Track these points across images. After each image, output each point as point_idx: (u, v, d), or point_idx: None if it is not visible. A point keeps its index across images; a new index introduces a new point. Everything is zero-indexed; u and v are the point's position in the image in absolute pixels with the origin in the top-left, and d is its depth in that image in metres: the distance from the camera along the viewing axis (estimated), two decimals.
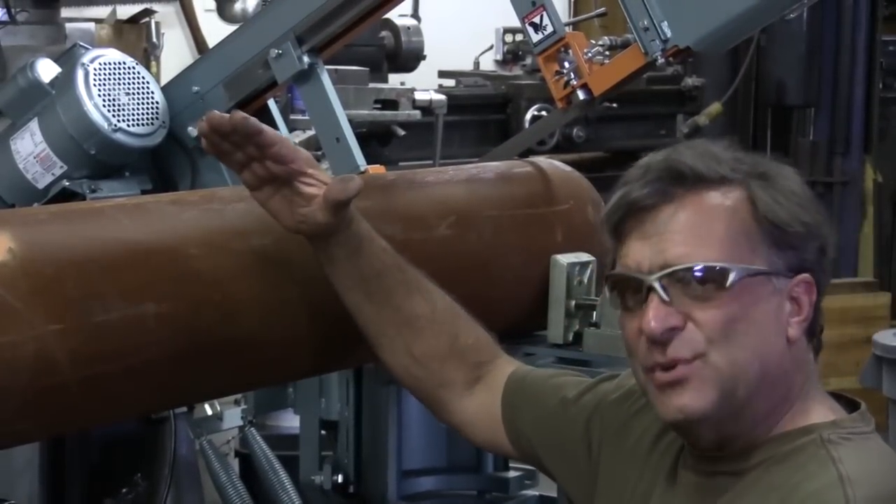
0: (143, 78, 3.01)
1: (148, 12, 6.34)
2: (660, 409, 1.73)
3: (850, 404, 1.80)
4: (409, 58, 6.38)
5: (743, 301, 1.69)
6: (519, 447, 2.08)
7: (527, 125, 6.32)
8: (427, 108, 5.95)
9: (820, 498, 1.64)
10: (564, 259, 2.74)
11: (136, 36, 6.21)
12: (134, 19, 6.30)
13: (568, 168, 2.99)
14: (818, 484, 1.66)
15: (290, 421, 4.07)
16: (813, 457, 1.69)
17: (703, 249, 1.70)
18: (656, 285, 1.70)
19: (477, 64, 7.53)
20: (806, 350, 1.75)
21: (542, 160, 3.03)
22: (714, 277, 1.68)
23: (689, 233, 1.71)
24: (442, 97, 6.07)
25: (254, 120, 2.03)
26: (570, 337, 2.78)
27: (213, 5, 6.88)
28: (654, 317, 1.70)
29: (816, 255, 1.73)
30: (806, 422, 1.73)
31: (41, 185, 3.00)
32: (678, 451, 1.82)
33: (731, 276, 1.68)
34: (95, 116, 2.92)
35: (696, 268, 1.69)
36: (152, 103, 3.00)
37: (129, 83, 2.99)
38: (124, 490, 3.51)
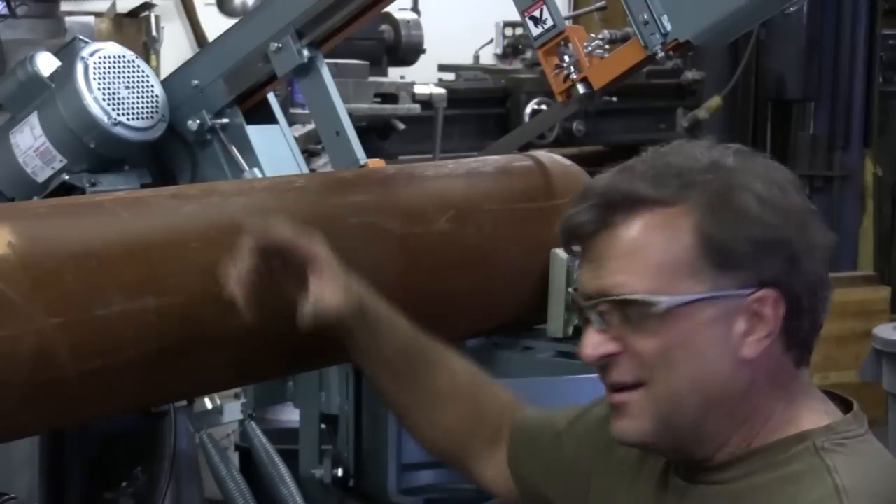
0: (143, 71, 3.01)
1: (148, 6, 6.33)
2: (611, 428, 1.76)
3: (842, 402, 1.78)
4: (408, 51, 6.38)
5: (679, 329, 1.66)
6: (531, 495, 2.07)
7: (526, 119, 6.31)
8: (427, 102, 5.95)
9: None
10: (564, 253, 2.74)
11: (135, 29, 6.20)
12: (134, 13, 6.29)
13: (568, 162, 2.99)
14: (814, 496, 1.64)
15: (290, 415, 4.07)
16: (808, 466, 1.68)
17: (637, 278, 1.67)
18: (591, 314, 1.70)
19: (477, 58, 7.52)
20: (781, 361, 1.70)
21: (542, 154, 3.03)
22: (645, 307, 1.66)
23: (624, 260, 1.68)
24: (442, 91, 6.07)
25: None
26: (570, 331, 2.78)
27: None
28: (589, 344, 1.71)
29: (782, 267, 1.66)
30: (798, 428, 1.71)
31: (41, 178, 2.99)
32: (668, 464, 1.81)
33: (662, 307, 1.65)
34: (95, 110, 2.92)
35: (627, 298, 1.67)
36: (152, 97, 3.00)
37: (128, 77, 2.98)
38: (124, 483, 3.51)
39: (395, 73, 6.41)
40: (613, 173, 1.72)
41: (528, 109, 6.40)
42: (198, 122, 3.00)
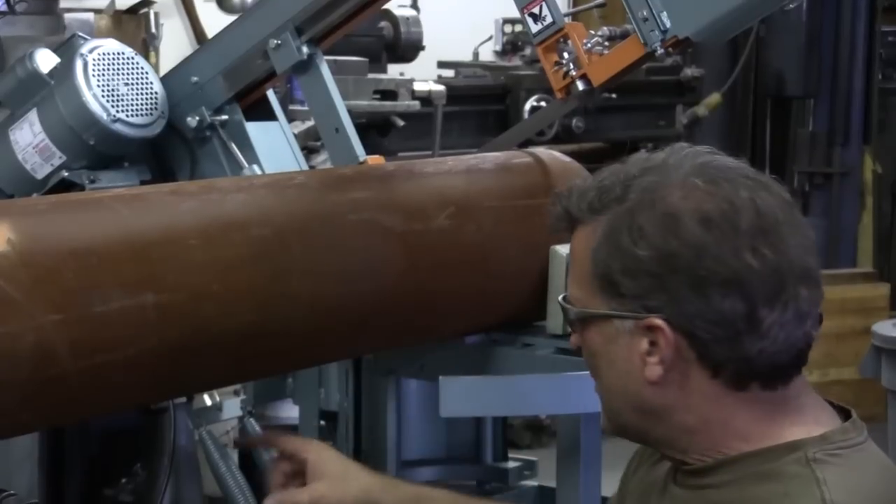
0: (142, 68, 3.01)
1: (147, 3, 6.33)
2: None
3: (842, 411, 1.77)
4: (408, 48, 6.38)
5: (593, 338, 1.73)
6: None
7: (526, 116, 6.31)
8: (426, 99, 5.95)
9: None
10: (564, 250, 2.74)
11: (135, 26, 6.20)
12: (133, 9, 6.29)
13: (567, 159, 3.00)
14: None
15: (290, 411, 4.07)
16: (797, 478, 1.66)
17: (571, 286, 1.76)
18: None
19: (476, 54, 7.52)
20: (712, 385, 1.68)
21: (542, 151, 3.04)
22: (568, 313, 1.76)
23: (570, 267, 1.79)
24: (441, 88, 6.07)
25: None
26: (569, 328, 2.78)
27: None
28: (572, 334, 1.79)
29: (663, 300, 1.66)
30: (791, 437, 1.70)
31: (40, 175, 2.99)
32: (671, 468, 1.81)
33: (572, 315, 1.75)
34: (94, 107, 2.92)
35: (560, 303, 1.79)
36: (151, 94, 3.00)
37: (128, 74, 2.98)
38: (124, 480, 3.50)
39: (394, 70, 6.40)
40: (584, 180, 1.78)
41: (528, 106, 6.41)
42: (197, 118, 3.00)
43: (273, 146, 3.06)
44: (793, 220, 1.69)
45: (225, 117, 3.00)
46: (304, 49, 2.88)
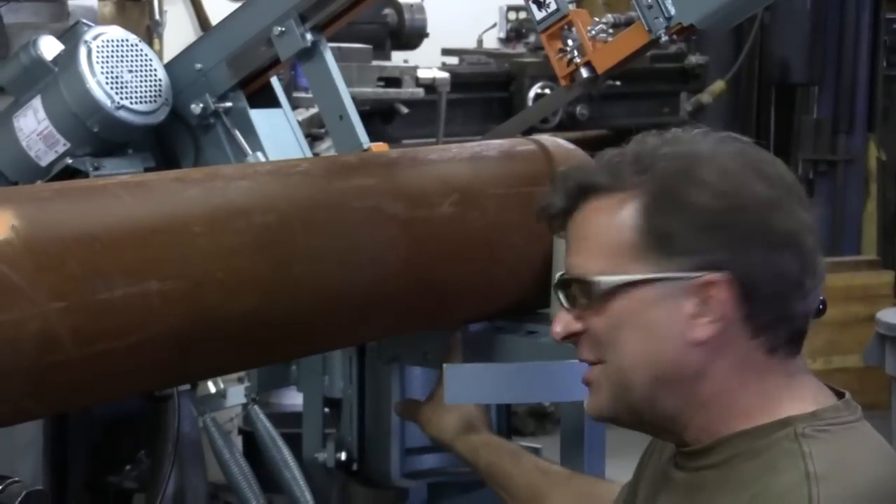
0: (146, 55, 3.00)
1: None
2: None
3: (838, 394, 1.78)
4: (412, 35, 6.38)
5: (625, 308, 1.72)
6: None
7: (530, 103, 6.31)
8: (430, 86, 5.95)
9: (784, 498, 1.63)
10: None
11: (139, 13, 6.20)
12: None
13: (571, 146, 2.99)
14: (784, 481, 1.64)
15: (294, 398, 4.08)
16: (784, 452, 1.67)
17: (588, 259, 1.74)
18: (559, 293, 1.78)
19: (480, 42, 7.52)
20: (747, 348, 1.71)
21: (546, 138, 3.03)
22: (591, 288, 1.73)
23: (582, 242, 1.76)
24: (445, 75, 6.07)
25: None
26: None
27: None
28: (558, 322, 1.78)
29: (730, 254, 1.68)
30: (779, 415, 1.71)
31: (44, 162, 2.99)
32: (672, 453, 1.82)
33: (605, 287, 1.72)
34: (98, 94, 2.92)
35: (576, 277, 1.75)
36: (155, 81, 3.00)
37: (132, 60, 2.98)
38: (128, 467, 3.52)
39: (398, 57, 6.40)
40: (589, 160, 1.82)
41: (532, 93, 6.41)
42: (201, 105, 3.00)
43: (277, 133, 3.06)
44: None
45: (229, 104, 3.00)
46: (308, 36, 2.88)
